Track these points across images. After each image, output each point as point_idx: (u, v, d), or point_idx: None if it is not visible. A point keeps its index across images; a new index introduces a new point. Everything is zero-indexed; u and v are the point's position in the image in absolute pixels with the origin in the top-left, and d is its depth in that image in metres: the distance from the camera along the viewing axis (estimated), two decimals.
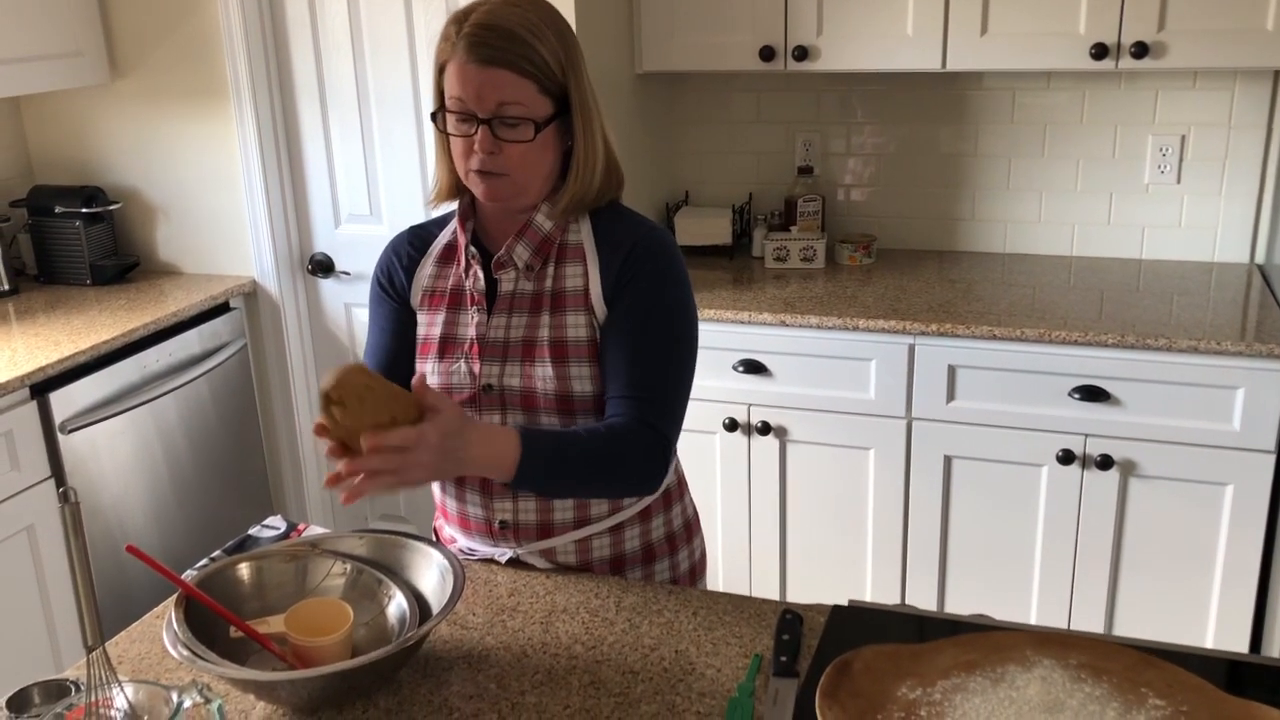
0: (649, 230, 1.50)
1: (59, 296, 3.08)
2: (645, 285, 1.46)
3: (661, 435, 1.44)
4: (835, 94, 3.14)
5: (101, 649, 1.10)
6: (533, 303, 1.49)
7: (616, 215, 1.52)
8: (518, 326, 1.49)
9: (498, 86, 1.37)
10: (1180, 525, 2.49)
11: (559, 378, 1.46)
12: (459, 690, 1.27)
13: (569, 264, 1.49)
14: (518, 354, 1.48)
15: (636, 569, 1.57)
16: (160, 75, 3.11)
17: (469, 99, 1.38)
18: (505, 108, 1.38)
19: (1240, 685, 1.21)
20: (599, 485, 1.44)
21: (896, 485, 2.68)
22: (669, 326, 1.47)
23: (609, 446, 1.40)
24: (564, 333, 1.47)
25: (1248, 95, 2.80)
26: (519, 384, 1.47)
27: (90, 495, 2.69)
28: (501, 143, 1.39)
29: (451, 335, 1.52)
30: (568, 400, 1.47)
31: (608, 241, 1.48)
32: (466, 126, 1.41)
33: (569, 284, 1.48)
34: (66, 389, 2.61)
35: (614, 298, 1.46)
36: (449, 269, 1.55)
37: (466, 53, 1.37)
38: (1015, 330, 2.48)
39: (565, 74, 1.41)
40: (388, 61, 2.97)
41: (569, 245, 1.50)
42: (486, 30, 1.37)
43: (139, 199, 3.26)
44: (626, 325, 1.45)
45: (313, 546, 1.41)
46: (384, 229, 3.14)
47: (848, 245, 3.06)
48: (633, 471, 1.43)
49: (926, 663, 1.22)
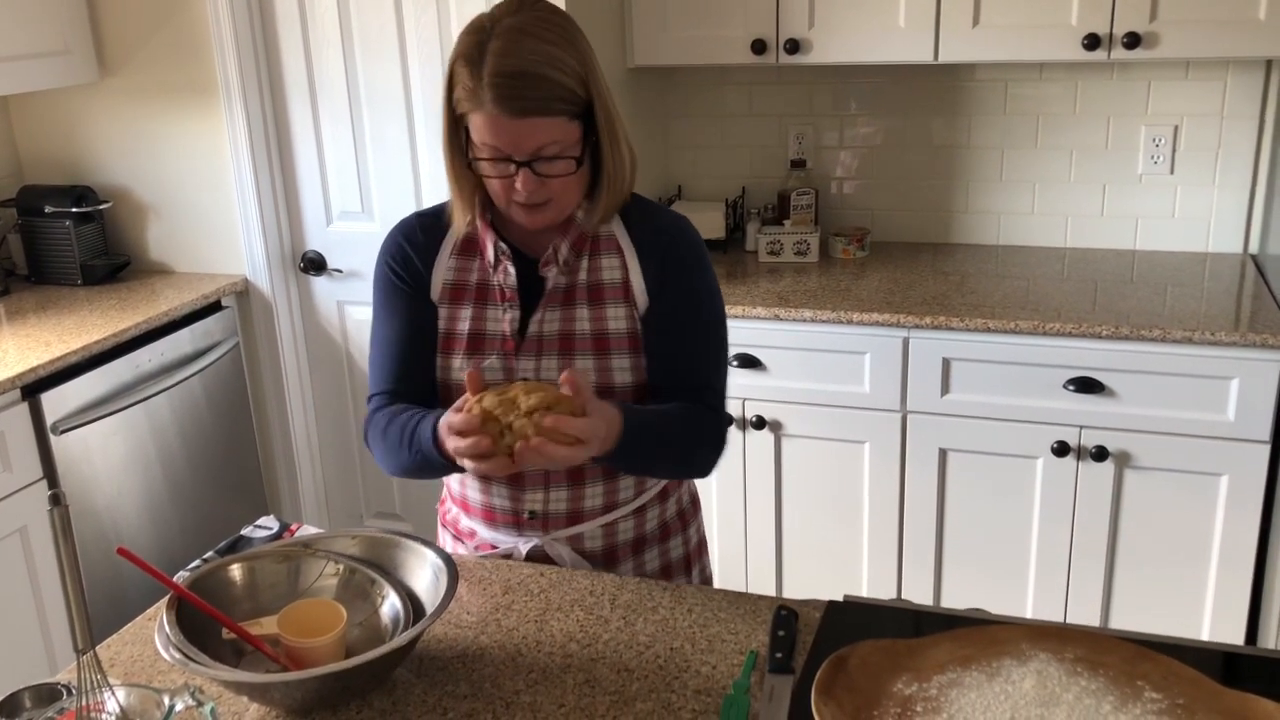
0: (675, 219, 1.54)
1: (50, 297, 3.07)
2: (687, 276, 1.49)
3: (722, 418, 1.52)
4: (827, 87, 3.13)
5: (92, 652, 1.10)
6: (565, 296, 1.48)
7: (642, 207, 1.53)
8: (552, 320, 1.48)
9: (533, 134, 1.34)
10: (1175, 516, 2.49)
11: (600, 370, 1.47)
12: (453, 690, 1.27)
13: (604, 256, 1.49)
14: (554, 347, 1.48)
15: (654, 547, 1.59)
16: (149, 73, 3.09)
17: (505, 147, 1.35)
18: (544, 149, 1.36)
19: (1236, 677, 1.21)
20: (674, 463, 1.49)
21: (892, 479, 2.68)
22: (711, 313, 1.52)
23: (688, 428, 1.46)
24: (604, 325, 1.48)
25: (1240, 85, 2.80)
26: (557, 378, 1.46)
27: (83, 496, 2.68)
28: (544, 178, 1.38)
29: (480, 330, 1.50)
30: (608, 392, 1.48)
31: (643, 233, 1.50)
32: (502, 168, 1.38)
33: (606, 276, 1.49)
34: (58, 389, 2.60)
35: (657, 290, 1.48)
36: (470, 262, 1.52)
37: (496, 105, 1.32)
38: (1009, 322, 2.48)
39: (588, 89, 1.38)
40: (378, 57, 2.96)
41: (600, 237, 1.50)
42: (513, 80, 1.32)
43: (129, 198, 3.25)
44: (674, 316, 1.49)
45: (305, 547, 1.40)
46: (376, 226, 3.13)
47: (841, 238, 3.05)
48: (703, 452, 1.50)
49: (922, 658, 1.22)
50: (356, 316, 3.24)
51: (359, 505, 3.44)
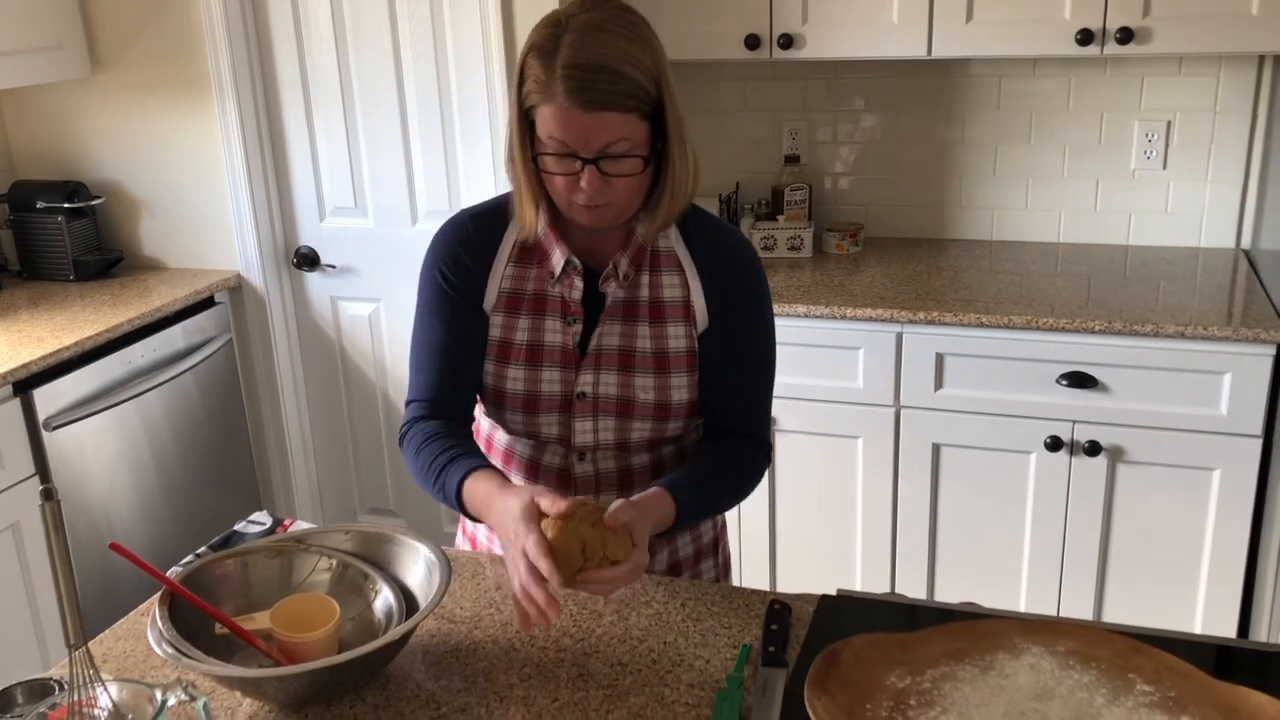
0: (741, 241, 1.53)
1: (42, 293, 3.06)
2: (748, 301, 1.50)
3: (768, 445, 1.55)
4: (821, 82, 3.13)
5: (84, 648, 1.09)
6: (626, 311, 1.47)
7: (700, 220, 1.51)
8: (611, 334, 1.47)
9: (603, 129, 1.31)
10: (1168, 510, 2.50)
11: (660, 388, 1.47)
12: (447, 684, 1.27)
13: (664, 273, 1.48)
14: (613, 362, 1.47)
15: (685, 534, 1.60)
16: (142, 68, 3.08)
17: (573, 142, 1.32)
18: (611, 146, 1.33)
19: (1228, 670, 1.21)
20: (728, 505, 1.52)
21: (885, 474, 2.68)
22: (768, 342, 1.54)
23: (735, 473, 1.49)
24: (665, 344, 1.47)
25: (1233, 80, 2.80)
26: (616, 393, 1.47)
27: (75, 492, 2.68)
28: (609, 178, 1.35)
29: (538, 342, 1.48)
30: (664, 408, 1.48)
31: (704, 252, 1.49)
32: (568, 164, 1.34)
33: (667, 294, 1.47)
34: (50, 385, 2.59)
35: (719, 311, 1.48)
36: (528, 270, 1.49)
37: (568, 97, 1.29)
38: (1003, 317, 2.48)
39: (660, 89, 1.35)
40: (371, 53, 2.96)
41: (661, 253, 1.48)
42: (587, 72, 1.29)
43: (122, 193, 3.24)
44: (733, 343, 1.49)
45: (298, 542, 1.40)
46: (369, 222, 3.13)
47: (835, 234, 3.05)
48: (750, 485, 1.52)
49: (915, 652, 1.22)
50: (350, 312, 3.23)
51: (352, 501, 3.44)
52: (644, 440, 1.50)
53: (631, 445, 1.50)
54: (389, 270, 3.14)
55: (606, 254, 1.47)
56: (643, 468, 1.53)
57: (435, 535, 3.30)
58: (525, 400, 1.48)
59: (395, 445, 3.31)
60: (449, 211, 3.02)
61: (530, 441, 1.53)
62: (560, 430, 1.49)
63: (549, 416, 1.49)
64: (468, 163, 2.98)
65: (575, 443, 1.50)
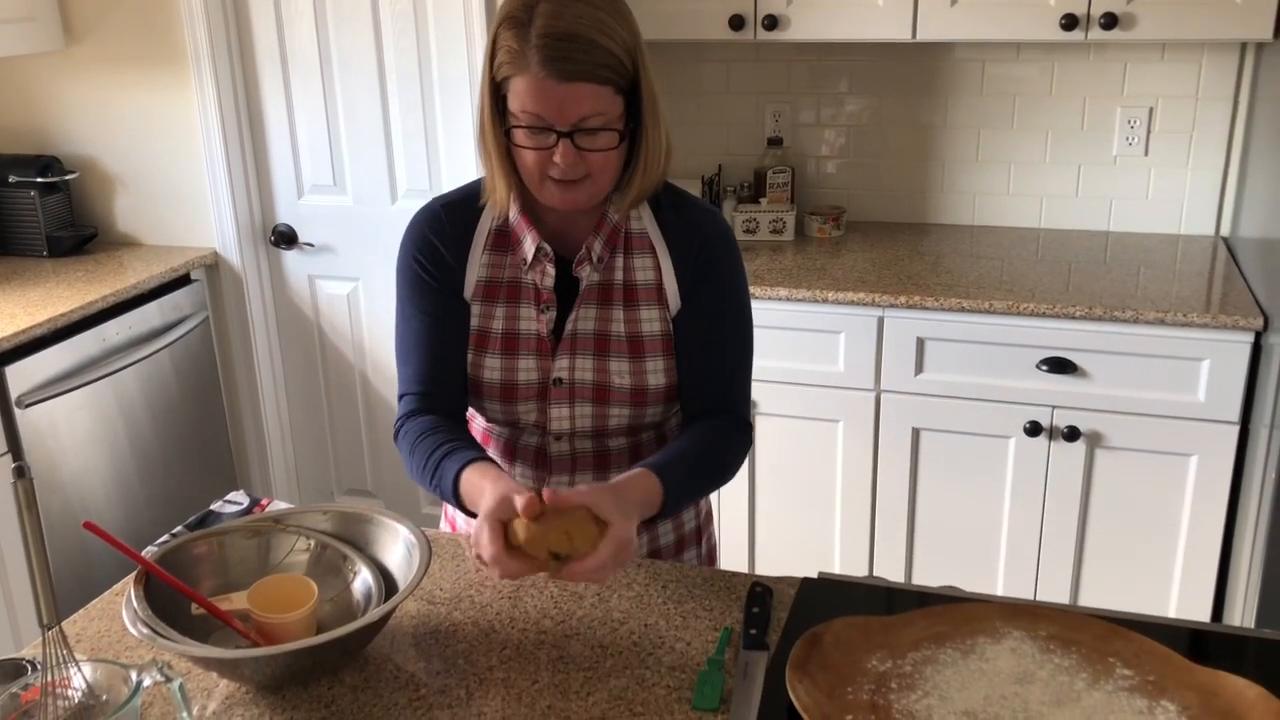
0: (712, 218, 1.49)
1: (14, 268, 3.02)
2: (720, 280, 1.47)
3: (748, 423, 1.52)
4: (805, 64, 3.12)
5: (58, 628, 1.08)
6: (601, 294, 1.45)
7: (674, 200, 1.49)
8: (586, 319, 1.45)
9: (579, 101, 1.28)
10: (1145, 496, 2.51)
11: (635, 372, 1.45)
12: (426, 666, 1.26)
13: (637, 255, 1.46)
14: (589, 347, 1.45)
15: (668, 520, 1.58)
16: (116, 41, 3.04)
17: (548, 115, 1.29)
18: (587, 120, 1.30)
19: (1203, 653, 1.22)
20: (713, 486, 1.49)
21: (865, 457, 2.69)
22: (742, 318, 1.50)
23: (718, 452, 1.46)
24: (639, 327, 1.45)
25: (1215, 67, 2.81)
26: (592, 378, 1.45)
27: (49, 470, 2.65)
28: (583, 152, 1.32)
29: (514, 330, 1.46)
30: (641, 393, 1.46)
31: (676, 233, 1.46)
32: (541, 138, 1.31)
33: (639, 276, 1.46)
34: (23, 362, 2.56)
35: (690, 292, 1.46)
36: (502, 258, 1.47)
37: (542, 68, 1.27)
38: (984, 302, 2.48)
39: (635, 64, 1.33)
40: (351, 28, 2.92)
41: (634, 234, 1.46)
42: (561, 41, 1.26)
43: (96, 168, 3.20)
44: (707, 321, 1.47)
45: (276, 522, 1.38)
46: (348, 199, 3.10)
47: (817, 217, 3.05)
48: (733, 466, 1.49)
49: (897, 635, 1.22)
50: (328, 291, 3.21)
51: (330, 481, 3.42)
52: (622, 427, 1.49)
53: (609, 431, 1.49)
54: (368, 249, 3.11)
55: (579, 239, 1.46)
56: (620, 450, 1.52)
57: (414, 517, 3.28)
58: (503, 389, 1.47)
59: (373, 426, 3.30)
60: (428, 191, 2.99)
61: (508, 428, 1.51)
62: (538, 417, 1.48)
63: (526, 404, 1.47)
64: (448, 141, 2.96)
65: (552, 429, 1.49)
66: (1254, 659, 1.24)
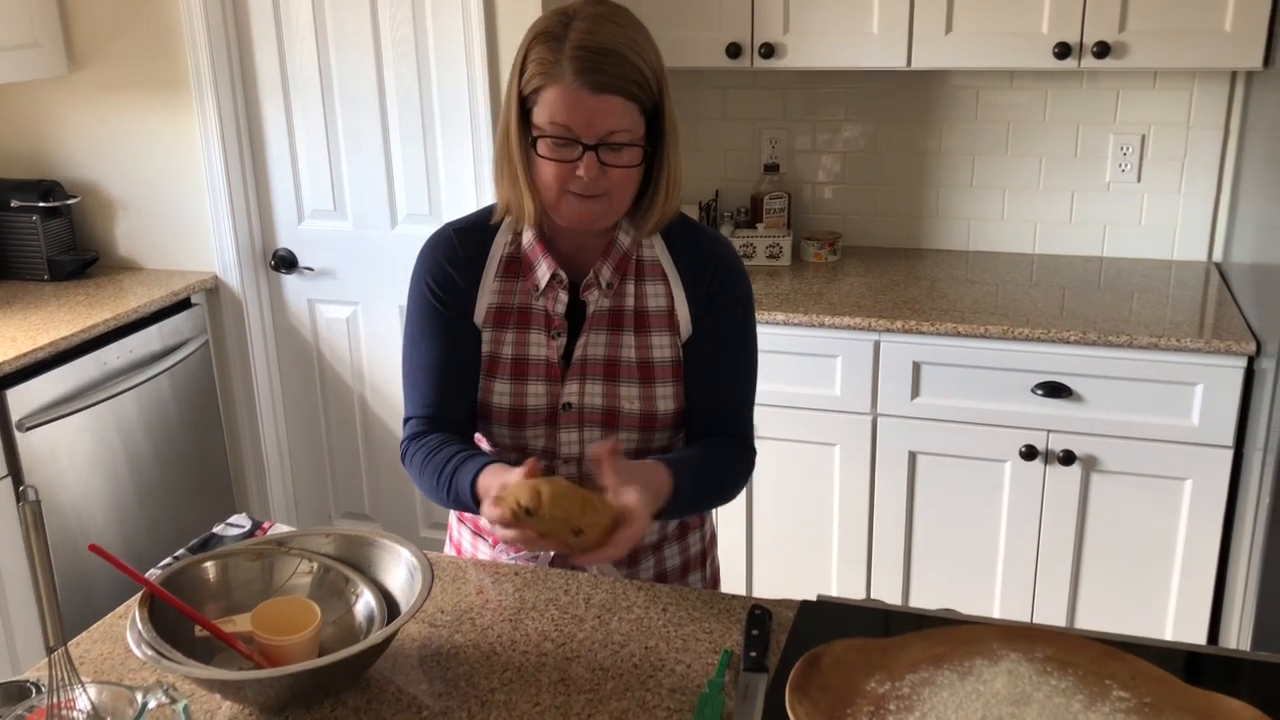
0: (723, 247, 1.52)
1: (15, 292, 3.03)
2: (731, 309, 1.50)
3: (752, 449, 1.55)
4: (801, 91, 3.15)
5: (63, 649, 1.09)
6: (611, 320, 1.47)
7: (685, 229, 1.51)
8: (596, 344, 1.47)
9: (609, 114, 1.32)
10: (1140, 519, 2.53)
11: (644, 398, 1.47)
12: (428, 688, 1.27)
13: (649, 282, 1.48)
14: (598, 372, 1.47)
15: (674, 544, 1.60)
16: (120, 67, 3.06)
17: (576, 126, 1.32)
18: (613, 134, 1.33)
19: (1199, 676, 1.23)
20: (714, 504, 1.52)
21: (862, 481, 2.70)
22: (749, 347, 1.54)
23: (727, 469, 1.49)
24: (649, 353, 1.47)
25: (1206, 95, 2.84)
26: (601, 403, 1.47)
27: (50, 494, 2.65)
28: (606, 168, 1.35)
29: (523, 356, 1.48)
30: (650, 418, 1.48)
31: (688, 261, 1.48)
32: (566, 151, 1.34)
33: (651, 303, 1.47)
34: (24, 386, 2.57)
35: (702, 319, 1.48)
36: (512, 284, 1.48)
37: (576, 78, 1.30)
38: (979, 327, 2.50)
39: (660, 88, 1.37)
40: (352, 54, 2.95)
41: (645, 262, 1.48)
42: (597, 55, 1.30)
43: (98, 193, 3.22)
44: (716, 349, 1.49)
45: (279, 545, 1.39)
46: (348, 224, 3.12)
47: (813, 242, 3.07)
48: (738, 483, 1.52)
49: (895, 657, 1.23)
50: (327, 315, 3.22)
51: (328, 505, 3.43)
52: (630, 452, 1.50)
53: None
54: (367, 274, 3.13)
55: (588, 265, 1.48)
56: None
57: (413, 540, 3.27)
58: (512, 414, 1.48)
59: (372, 450, 3.30)
60: (428, 215, 3.01)
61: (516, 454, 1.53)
62: (547, 442, 1.50)
63: (535, 429, 1.49)
64: (448, 166, 2.98)
65: (560, 453, 1.50)
66: (1249, 681, 1.24)
